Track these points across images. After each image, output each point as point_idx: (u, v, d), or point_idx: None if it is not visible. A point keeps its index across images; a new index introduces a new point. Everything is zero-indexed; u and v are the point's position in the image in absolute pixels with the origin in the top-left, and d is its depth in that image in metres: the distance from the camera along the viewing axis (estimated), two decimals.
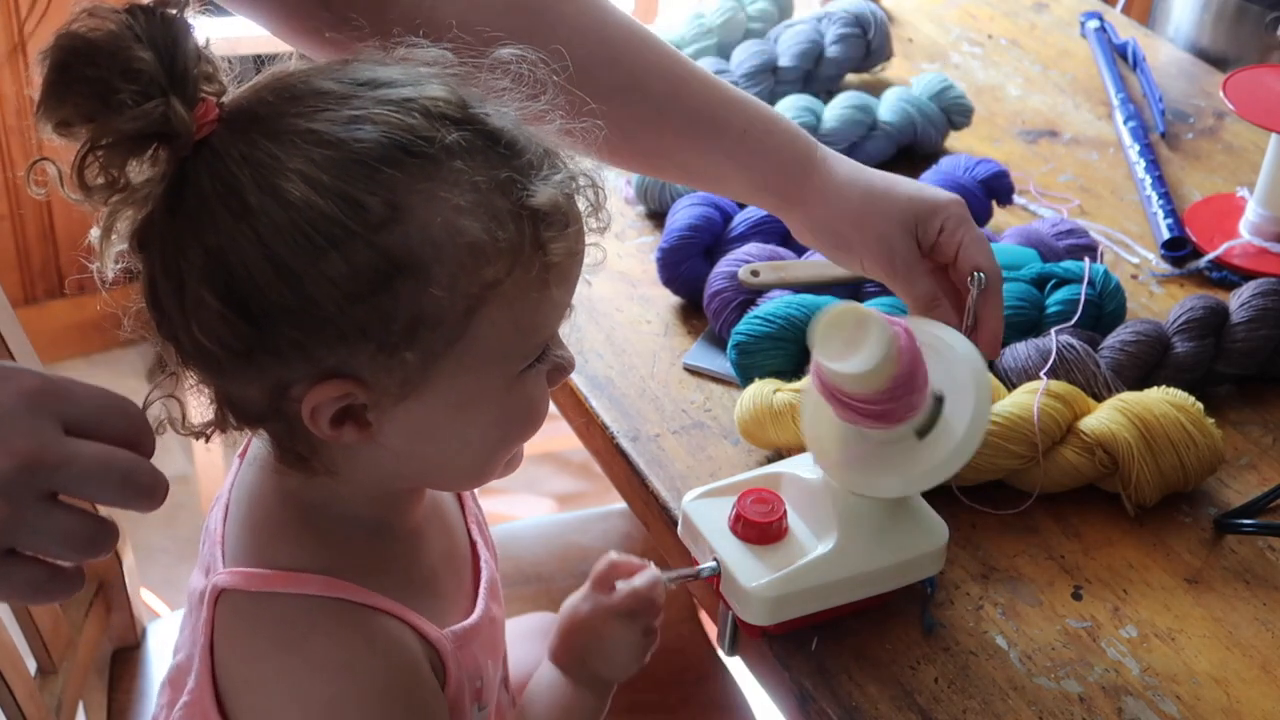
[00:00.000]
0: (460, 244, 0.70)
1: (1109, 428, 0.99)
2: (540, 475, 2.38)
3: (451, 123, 0.71)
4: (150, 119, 0.68)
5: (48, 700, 1.08)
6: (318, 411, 0.72)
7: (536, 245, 0.72)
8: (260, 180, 0.69)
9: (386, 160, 0.69)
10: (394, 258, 0.69)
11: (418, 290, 0.70)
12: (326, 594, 0.77)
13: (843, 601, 0.89)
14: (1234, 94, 1.27)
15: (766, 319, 1.07)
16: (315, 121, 0.70)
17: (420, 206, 0.69)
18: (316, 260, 0.68)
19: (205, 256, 0.70)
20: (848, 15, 1.47)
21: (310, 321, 0.69)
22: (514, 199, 0.71)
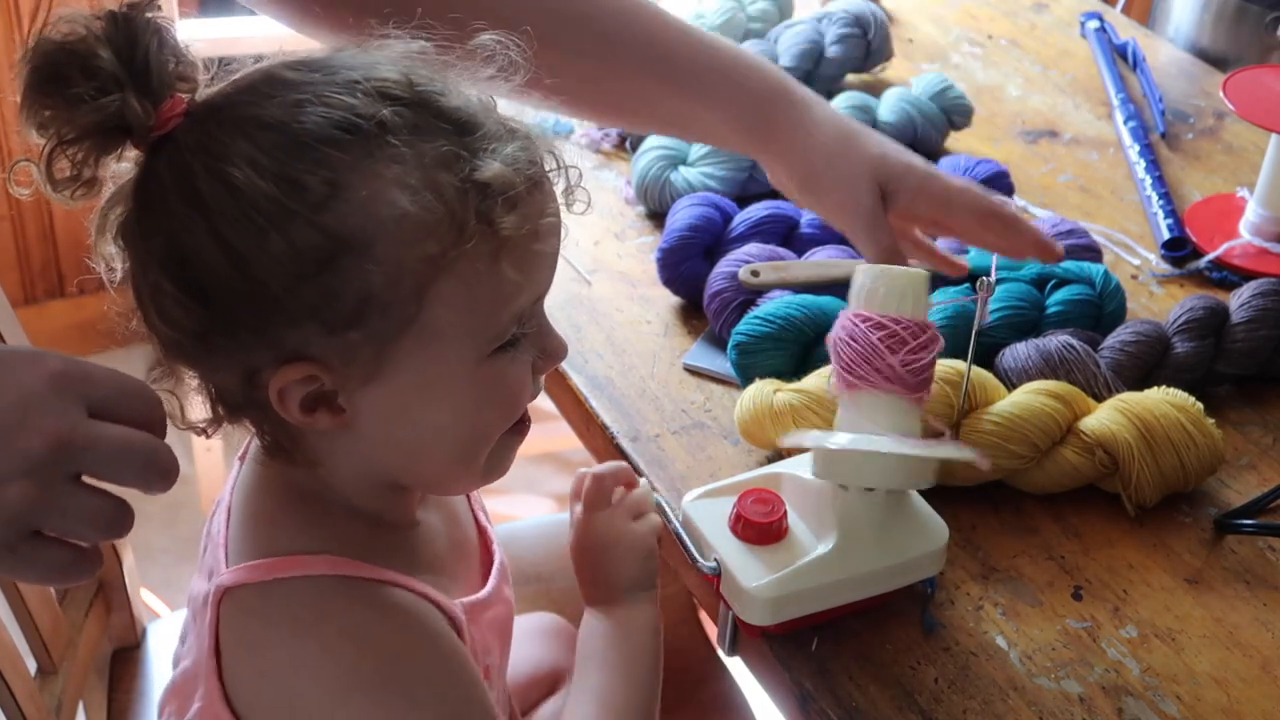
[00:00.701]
0: (398, 218, 0.71)
1: (1109, 428, 0.99)
2: (540, 475, 2.38)
3: (393, 100, 0.72)
4: (106, 113, 0.70)
5: (48, 700, 1.08)
6: (285, 396, 0.73)
7: (484, 219, 0.72)
8: (209, 166, 0.71)
9: (325, 140, 0.71)
10: (335, 235, 0.70)
11: (362, 267, 0.71)
12: (332, 572, 0.77)
13: (843, 602, 0.89)
14: (1234, 94, 1.27)
15: (766, 319, 1.07)
16: (263, 108, 0.72)
17: (360, 184, 0.71)
18: (260, 241, 0.70)
19: (163, 244, 0.72)
20: (848, 15, 1.47)
21: (261, 303, 0.71)
22: (458, 172, 0.72)
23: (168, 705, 0.87)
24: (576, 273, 1.21)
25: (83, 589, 1.17)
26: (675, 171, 1.28)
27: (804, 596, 0.88)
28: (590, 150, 1.38)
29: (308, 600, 0.77)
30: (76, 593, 1.17)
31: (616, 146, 1.38)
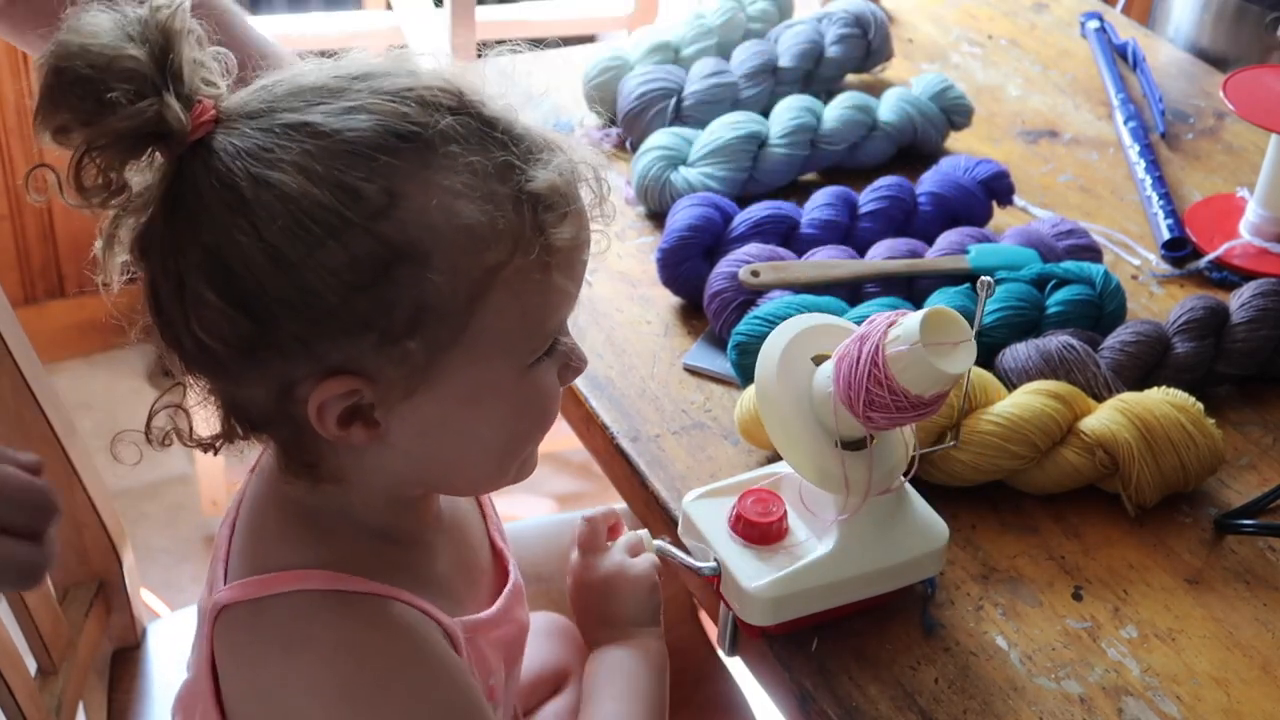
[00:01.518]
0: (459, 228, 0.70)
1: (1109, 428, 0.99)
2: (540, 475, 2.38)
3: (447, 110, 0.71)
4: (144, 118, 0.68)
5: (48, 700, 1.08)
6: (324, 410, 0.72)
7: (537, 229, 0.72)
8: (255, 173, 0.68)
9: (381, 148, 0.69)
10: (393, 245, 0.69)
11: (418, 277, 0.69)
12: (327, 587, 0.76)
13: (843, 602, 0.89)
14: (1234, 94, 1.27)
15: (767, 319, 1.07)
16: (309, 114, 0.70)
17: (417, 193, 0.69)
18: (315, 251, 0.68)
19: (204, 253, 0.69)
20: (848, 15, 1.47)
21: (311, 314, 0.69)
22: (512, 184, 0.71)
23: (176, 715, 0.87)
24: None
25: (83, 589, 1.17)
26: (675, 171, 1.28)
27: (804, 597, 0.88)
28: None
29: (299, 615, 0.76)
30: (77, 593, 1.17)
31: (617, 147, 1.38)
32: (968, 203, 1.25)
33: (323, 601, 0.76)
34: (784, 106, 1.33)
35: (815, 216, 1.21)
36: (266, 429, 0.76)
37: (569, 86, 1.47)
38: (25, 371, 1.06)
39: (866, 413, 0.83)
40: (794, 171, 1.32)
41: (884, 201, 1.23)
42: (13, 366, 1.05)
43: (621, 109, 1.36)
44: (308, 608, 0.76)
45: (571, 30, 2.19)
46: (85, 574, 1.18)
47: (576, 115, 1.43)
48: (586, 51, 1.54)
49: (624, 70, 1.40)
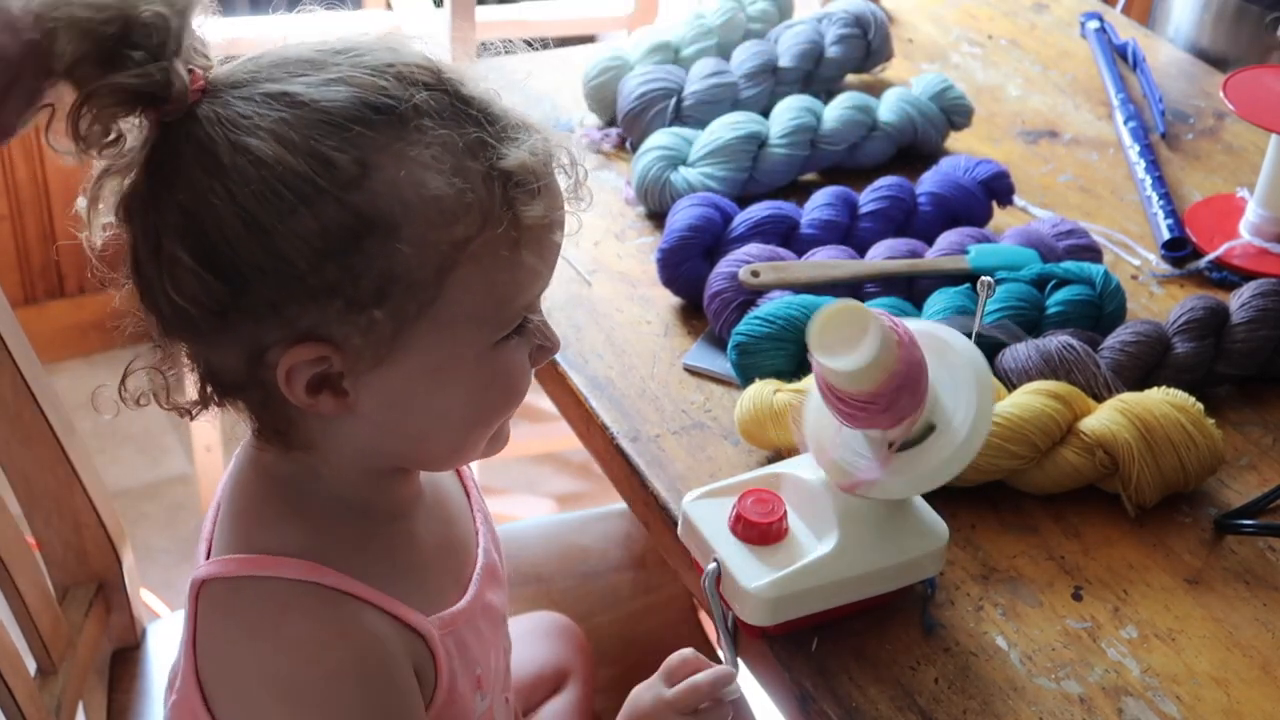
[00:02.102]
0: (429, 201, 0.71)
1: (1109, 428, 0.99)
2: (540, 475, 2.38)
3: (423, 85, 0.73)
4: (151, 80, 0.69)
5: (48, 700, 1.08)
6: (293, 376, 0.73)
7: (507, 206, 0.73)
8: (233, 139, 0.70)
9: (356, 119, 0.70)
10: (363, 215, 0.70)
11: (387, 248, 0.70)
12: (304, 578, 0.77)
13: (843, 602, 0.89)
14: (1234, 94, 1.27)
15: (766, 319, 1.07)
16: (290, 84, 0.71)
17: (389, 165, 0.71)
18: (287, 217, 0.69)
19: (180, 215, 0.71)
20: (848, 16, 1.47)
21: (282, 279, 0.70)
22: (484, 160, 0.73)
23: (168, 698, 0.88)
24: (576, 273, 1.21)
25: (83, 589, 1.17)
26: (675, 172, 1.28)
27: (804, 596, 0.88)
28: (590, 150, 1.38)
29: (272, 603, 0.77)
30: (77, 593, 1.17)
31: (617, 147, 1.38)
32: (968, 203, 1.25)
33: (298, 592, 0.77)
34: (784, 106, 1.33)
35: (815, 216, 1.21)
36: (239, 394, 0.77)
37: (569, 86, 1.47)
38: (25, 371, 1.06)
39: (843, 413, 0.84)
40: (794, 171, 1.32)
41: (884, 202, 1.23)
42: (13, 366, 1.05)
43: (621, 109, 1.36)
44: (281, 596, 0.77)
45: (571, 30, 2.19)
46: (85, 574, 1.18)
47: (576, 115, 1.43)
48: (586, 51, 1.54)
49: (624, 70, 1.40)
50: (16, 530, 1.06)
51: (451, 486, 0.92)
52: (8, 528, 1.04)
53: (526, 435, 2.35)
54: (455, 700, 0.83)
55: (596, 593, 1.31)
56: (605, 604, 0.96)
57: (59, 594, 1.16)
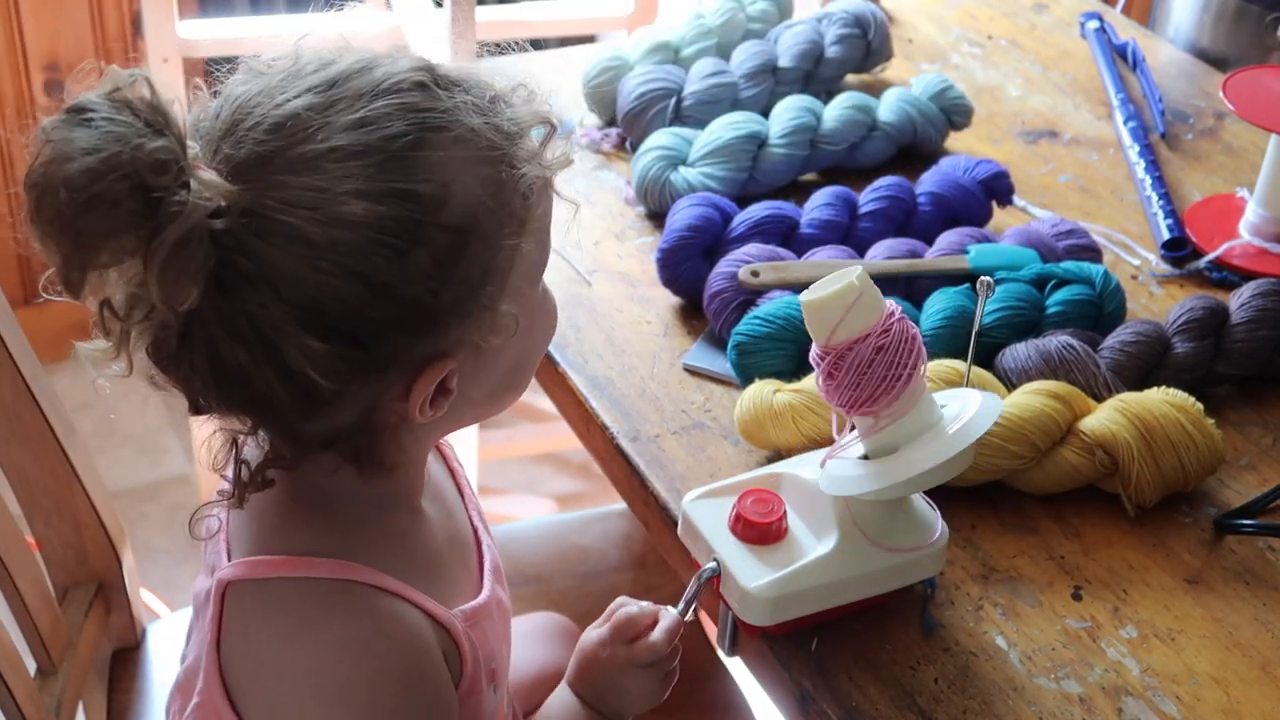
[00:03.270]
0: (495, 189, 0.73)
1: (1109, 428, 0.99)
2: (540, 475, 2.38)
3: (434, 87, 0.74)
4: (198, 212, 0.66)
5: (48, 700, 1.08)
6: (422, 403, 0.75)
7: (538, 163, 0.76)
8: (316, 214, 0.68)
9: (414, 144, 0.71)
10: (459, 228, 0.72)
11: (484, 249, 0.73)
12: (337, 576, 0.77)
13: (843, 602, 0.89)
14: (1234, 94, 1.27)
15: (766, 319, 1.07)
16: (324, 141, 0.70)
17: (447, 171, 0.72)
18: (403, 263, 0.70)
19: (289, 308, 0.69)
20: (848, 16, 1.47)
21: (415, 320, 0.72)
22: (505, 131, 0.75)
23: (173, 704, 0.88)
24: (576, 273, 1.21)
25: (83, 589, 1.17)
26: (675, 172, 1.28)
27: (804, 596, 0.88)
28: (590, 151, 1.38)
29: (310, 602, 0.77)
30: (76, 593, 1.17)
31: (616, 147, 1.38)
32: (968, 203, 1.25)
33: (334, 591, 0.77)
34: (784, 106, 1.33)
35: (815, 216, 1.21)
36: (334, 447, 0.76)
37: (569, 86, 1.47)
38: (25, 371, 1.06)
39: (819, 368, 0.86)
40: (794, 171, 1.32)
41: (884, 201, 1.23)
42: (12, 366, 1.05)
43: (621, 109, 1.36)
44: (317, 597, 0.77)
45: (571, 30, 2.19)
46: (85, 574, 1.18)
47: (576, 115, 1.43)
48: (586, 51, 1.54)
49: (624, 70, 1.40)
50: (16, 530, 1.06)
51: (444, 482, 0.92)
52: (8, 528, 1.04)
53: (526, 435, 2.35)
54: (475, 693, 0.83)
55: (596, 593, 1.31)
56: (605, 604, 0.96)
57: (59, 594, 1.16)
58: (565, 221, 0.82)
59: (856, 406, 0.85)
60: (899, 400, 0.84)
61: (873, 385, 0.84)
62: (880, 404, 0.84)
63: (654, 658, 0.90)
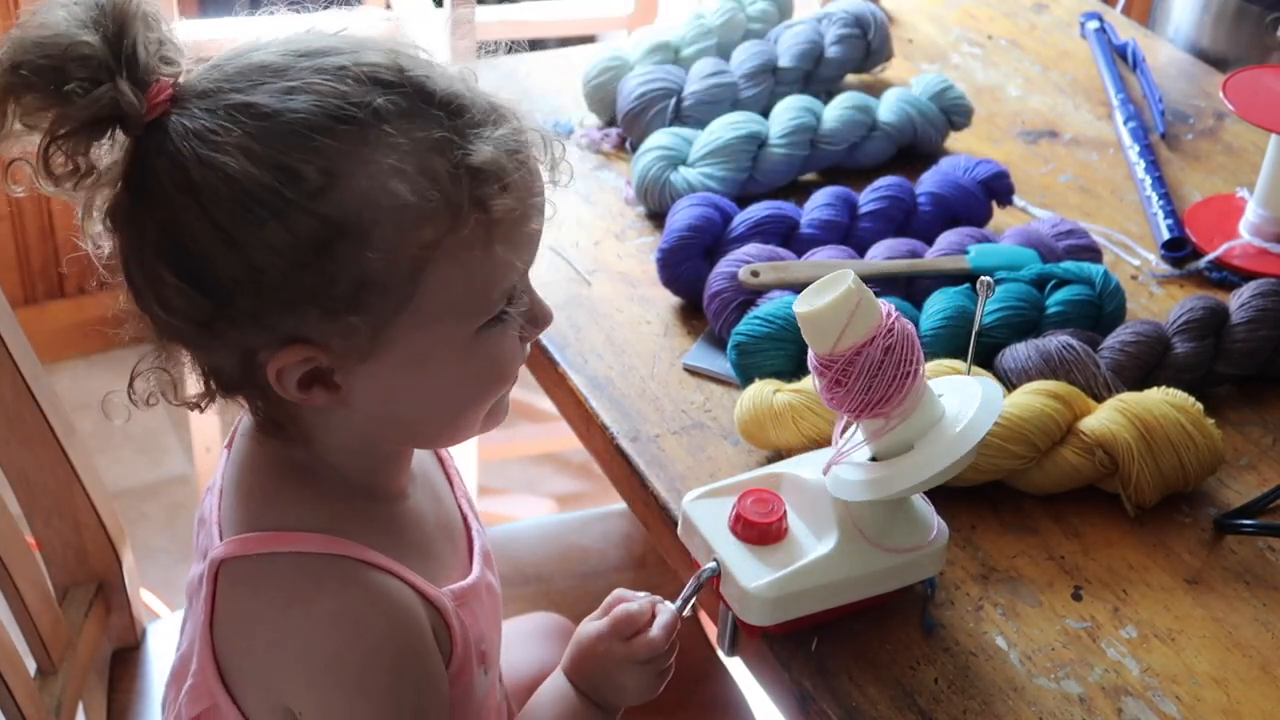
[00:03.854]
0: (396, 205, 0.72)
1: (1109, 428, 0.99)
2: (540, 475, 2.38)
3: (384, 86, 0.73)
4: (99, 104, 0.71)
5: (48, 700, 1.08)
6: (283, 376, 0.74)
7: (476, 203, 0.73)
8: (202, 154, 0.71)
9: (319, 129, 0.71)
10: (333, 223, 0.71)
11: (358, 254, 0.72)
12: (327, 551, 0.78)
13: (843, 602, 0.89)
14: (1234, 94, 1.27)
15: (766, 319, 1.07)
16: (253, 94, 0.72)
17: (356, 172, 0.71)
18: (259, 230, 0.71)
19: (159, 232, 0.72)
20: (848, 16, 1.47)
21: (259, 290, 0.72)
22: (451, 158, 0.73)
23: (169, 694, 0.88)
24: (576, 273, 1.21)
25: (83, 589, 1.17)
26: (675, 172, 1.28)
27: (804, 596, 0.88)
28: (590, 151, 1.38)
29: (301, 577, 0.78)
30: (76, 593, 1.17)
31: (616, 147, 1.38)
32: (967, 203, 1.25)
33: (325, 565, 0.78)
34: (784, 106, 1.33)
35: (815, 216, 1.21)
36: (238, 391, 0.78)
37: (569, 86, 1.47)
38: (25, 371, 1.06)
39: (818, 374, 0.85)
40: (794, 171, 1.32)
41: (884, 201, 1.23)
42: (12, 366, 1.05)
43: (621, 109, 1.36)
44: (311, 569, 0.78)
45: (571, 30, 2.19)
46: (85, 574, 1.18)
47: (576, 115, 1.43)
48: (586, 51, 1.54)
49: (624, 70, 1.40)
50: (16, 530, 1.06)
51: (432, 468, 0.93)
52: (8, 528, 1.04)
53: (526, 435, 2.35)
54: (465, 674, 0.84)
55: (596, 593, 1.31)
56: None
57: (59, 594, 1.16)
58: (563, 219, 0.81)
59: (868, 410, 0.84)
60: (908, 398, 0.84)
61: (884, 386, 0.83)
62: (892, 404, 0.84)
63: (652, 654, 0.90)
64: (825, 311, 0.82)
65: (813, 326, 0.83)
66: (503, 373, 0.81)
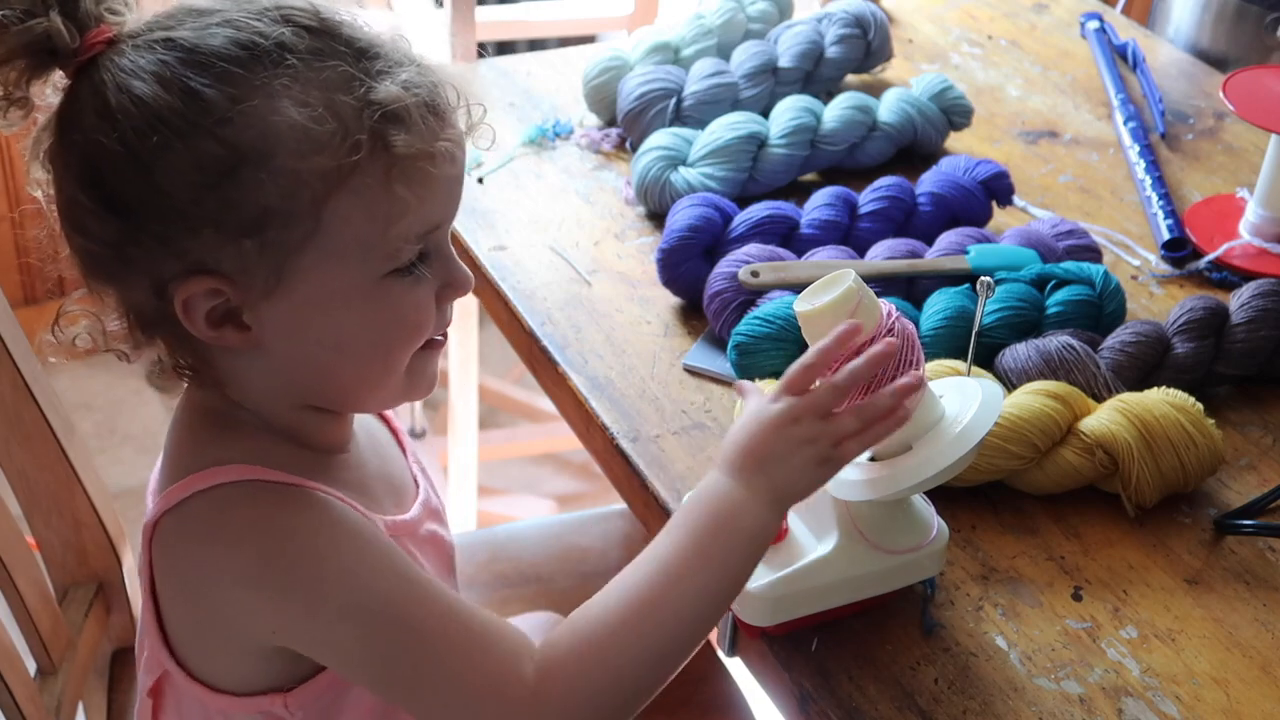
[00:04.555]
0: (295, 133, 0.74)
1: (1109, 428, 0.99)
2: (540, 476, 2.38)
3: (298, 25, 0.76)
4: (33, 34, 0.74)
5: (48, 700, 1.08)
6: (190, 309, 0.76)
7: (376, 137, 0.75)
8: (119, 81, 0.74)
9: (228, 58, 0.74)
10: (235, 148, 0.73)
11: (260, 179, 0.74)
12: (244, 478, 0.78)
13: (842, 602, 0.89)
14: (1234, 95, 1.27)
15: (766, 320, 1.07)
16: (177, 30, 0.75)
17: (259, 100, 0.74)
18: (166, 152, 0.73)
19: (78, 157, 0.76)
20: (848, 16, 1.47)
21: (166, 212, 0.74)
22: (355, 93, 0.75)
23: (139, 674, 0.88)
24: (576, 273, 1.21)
25: (83, 589, 1.17)
26: (675, 172, 1.28)
27: (804, 597, 0.88)
28: (590, 151, 1.38)
29: (216, 507, 0.78)
30: (76, 593, 1.17)
31: (616, 147, 1.38)
32: (968, 203, 1.25)
33: (240, 491, 0.78)
34: (784, 107, 1.33)
35: (815, 217, 1.21)
36: (156, 331, 0.80)
37: (569, 86, 1.47)
38: (25, 372, 1.06)
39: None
40: (794, 172, 1.32)
41: (884, 202, 1.23)
42: (12, 366, 1.05)
43: (621, 109, 1.36)
44: (225, 499, 0.78)
45: (571, 30, 2.19)
46: (85, 574, 1.18)
47: (576, 115, 1.43)
48: (586, 52, 1.54)
49: (624, 70, 1.40)
50: (16, 530, 1.06)
51: (386, 441, 0.94)
52: (8, 528, 1.04)
53: (526, 435, 2.35)
54: None
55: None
56: None
57: (59, 594, 1.16)
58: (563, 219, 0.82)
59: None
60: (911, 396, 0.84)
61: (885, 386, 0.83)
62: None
63: (837, 396, 0.81)
64: (826, 310, 0.82)
65: (813, 326, 0.83)
66: (408, 324, 0.80)
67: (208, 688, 0.82)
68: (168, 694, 0.85)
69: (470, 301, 1.70)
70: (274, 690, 0.81)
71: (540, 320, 1.15)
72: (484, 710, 0.76)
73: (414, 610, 0.77)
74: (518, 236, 1.25)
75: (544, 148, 1.38)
